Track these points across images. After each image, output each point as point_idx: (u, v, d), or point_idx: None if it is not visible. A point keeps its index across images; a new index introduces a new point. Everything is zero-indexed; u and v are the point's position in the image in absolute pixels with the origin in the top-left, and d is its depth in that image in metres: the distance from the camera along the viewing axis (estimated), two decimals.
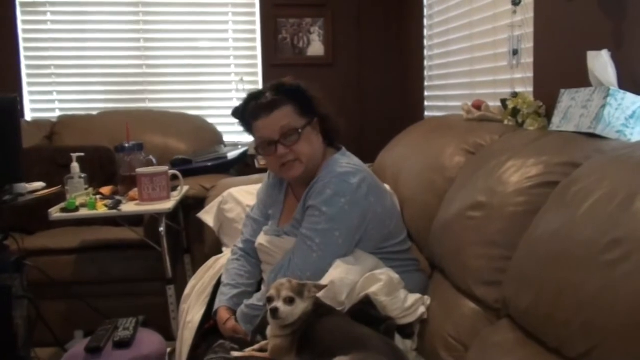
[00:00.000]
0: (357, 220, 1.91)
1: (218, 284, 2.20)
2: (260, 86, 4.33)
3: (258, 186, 2.37)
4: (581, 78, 1.88)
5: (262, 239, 2.10)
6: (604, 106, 1.71)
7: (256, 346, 1.74)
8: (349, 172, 1.94)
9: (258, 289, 2.08)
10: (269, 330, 1.69)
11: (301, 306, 1.62)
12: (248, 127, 2.07)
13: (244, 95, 2.13)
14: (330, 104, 2.10)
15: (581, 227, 1.28)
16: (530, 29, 2.40)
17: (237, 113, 2.08)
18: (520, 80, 2.51)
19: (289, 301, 1.61)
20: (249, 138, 4.37)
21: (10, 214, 2.73)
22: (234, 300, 2.04)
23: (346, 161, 2.02)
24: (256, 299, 1.95)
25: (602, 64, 1.79)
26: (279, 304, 1.60)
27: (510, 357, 1.39)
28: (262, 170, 3.13)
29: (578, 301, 1.19)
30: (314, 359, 1.55)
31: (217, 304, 2.07)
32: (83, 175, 2.87)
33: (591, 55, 1.82)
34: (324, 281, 1.77)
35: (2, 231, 2.58)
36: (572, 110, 1.87)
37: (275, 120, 1.96)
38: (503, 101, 2.35)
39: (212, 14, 4.45)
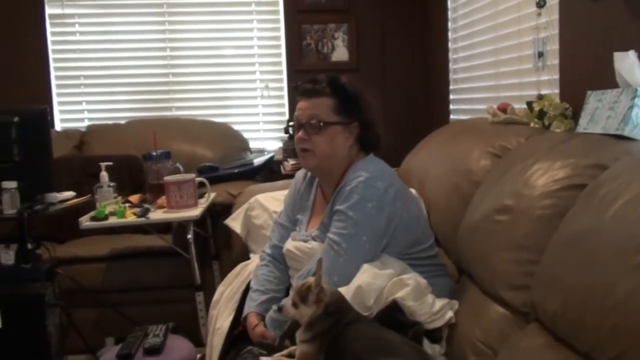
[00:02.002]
0: (383, 225, 1.91)
1: (246, 290, 2.22)
2: (285, 92, 4.38)
3: (284, 192, 2.39)
4: (608, 79, 1.86)
5: (289, 245, 2.11)
6: (631, 107, 1.69)
7: (284, 351, 1.74)
8: (376, 177, 1.95)
9: (287, 294, 2.08)
10: (298, 334, 1.69)
11: (306, 311, 1.62)
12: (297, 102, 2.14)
13: (269, 101, 2.17)
14: (379, 116, 2.16)
15: (610, 229, 1.27)
16: (555, 31, 2.38)
17: (296, 87, 2.14)
18: (546, 83, 2.49)
19: (294, 305, 1.64)
20: (274, 144, 4.42)
21: (42, 223, 2.78)
22: (263, 305, 2.06)
23: (373, 166, 2.03)
24: None
25: (629, 65, 1.77)
26: (288, 302, 1.66)
27: None
28: (289, 176, 3.14)
29: (607, 305, 1.18)
30: None
31: (247, 309, 2.09)
32: (112, 184, 2.90)
33: (618, 56, 1.81)
34: (351, 286, 1.78)
35: (34, 240, 2.63)
36: (599, 112, 1.86)
37: (309, 105, 2.03)
38: (529, 103, 2.34)
39: (236, 21, 4.49)
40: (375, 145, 2.12)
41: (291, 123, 2.15)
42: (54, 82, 4.35)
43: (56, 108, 4.37)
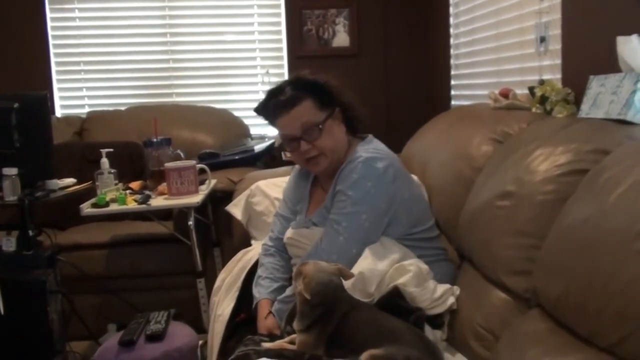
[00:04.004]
0: (384, 204, 1.90)
1: (248, 276, 2.21)
2: (286, 79, 4.34)
3: (285, 178, 2.38)
4: (610, 64, 1.85)
5: (289, 233, 2.10)
6: (634, 92, 1.68)
7: (286, 338, 1.74)
8: (376, 157, 1.94)
9: (290, 284, 2.08)
10: (294, 324, 1.69)
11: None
12: (272, 123, 2.10)
13: (269, 87, 2.14)
14: (351, 91, 2.10)
15: (612, 215, 1.26)
16: (557, 15, 2.37)
17: (260, 110, 2.10)
18: (548, 67, 2.48)
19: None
20: (275, 130, 4.40)
21: (43, 210, 2.78)
22: (274, 294, 2.04)
23: (373, 147, 2.03)
24: (288, 291, 1.96)
25: (632, 49, 1.76)
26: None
27: (540, 347, 1.38)
28: (289, 163, 3.13)
29: (609, 290, 1.18)
30: (346, 354, 1.55)
31: (258, 295, 2.06)
32: (113, 170, 2.90)
33: (621, 41, 1.79)
34: (353, 272, 1.77)
35: (36, 227, 2.63)
36: (601, 97, 1.85)
37: (295, 117, 1.98)
38: (531, 89, 2.33)
39: (237, 7, 4.46)
40: (360, 123, 2.11)
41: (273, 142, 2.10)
42: (54, 68, 4.33)
43: (56, 94, 4.36)
